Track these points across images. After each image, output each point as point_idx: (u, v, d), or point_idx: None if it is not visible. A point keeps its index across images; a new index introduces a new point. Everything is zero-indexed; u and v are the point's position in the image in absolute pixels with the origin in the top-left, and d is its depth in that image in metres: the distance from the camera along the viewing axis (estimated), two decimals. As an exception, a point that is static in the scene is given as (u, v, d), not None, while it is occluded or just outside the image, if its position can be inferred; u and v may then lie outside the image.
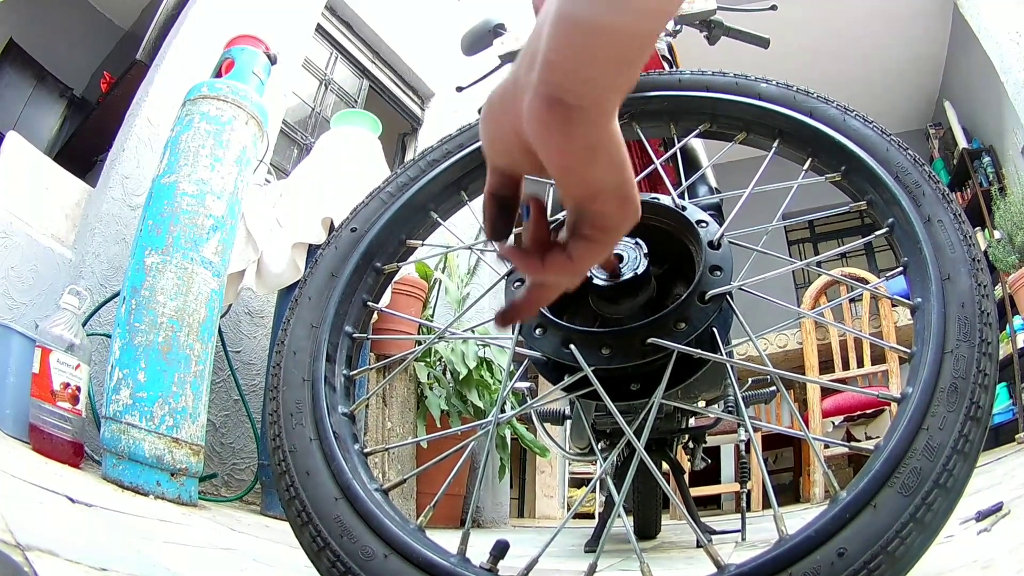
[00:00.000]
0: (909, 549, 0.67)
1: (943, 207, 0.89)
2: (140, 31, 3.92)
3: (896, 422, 0.76)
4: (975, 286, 0.82)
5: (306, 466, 0.91)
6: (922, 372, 0.78)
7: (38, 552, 0.87)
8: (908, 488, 0.70)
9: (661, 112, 1.18)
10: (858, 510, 0.70)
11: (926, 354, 0.79)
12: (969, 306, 0.80)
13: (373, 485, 0.90)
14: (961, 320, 0.79)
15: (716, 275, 0.92)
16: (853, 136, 1.00)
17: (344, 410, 0.99)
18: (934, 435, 0.72)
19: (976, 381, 0.75)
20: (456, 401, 3.56)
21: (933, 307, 0.82)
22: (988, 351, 0.77)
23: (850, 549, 0.68)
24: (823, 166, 1.03)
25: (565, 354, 0.91)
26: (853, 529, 0.69)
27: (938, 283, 0.83)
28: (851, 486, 0.73)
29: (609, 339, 0.90)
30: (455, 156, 1.19)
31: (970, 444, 0.72)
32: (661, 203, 1.03)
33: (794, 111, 1.05)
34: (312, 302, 1.08)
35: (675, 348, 0.87)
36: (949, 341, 0.78)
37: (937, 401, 0.75)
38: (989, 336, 0.78)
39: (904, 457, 0.72)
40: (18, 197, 2.59)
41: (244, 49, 2.58)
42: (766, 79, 1.11)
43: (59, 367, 1.90)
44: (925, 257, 0.86)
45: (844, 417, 4.39)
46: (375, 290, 1.14)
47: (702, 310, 0.90)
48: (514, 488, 5.94)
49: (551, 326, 0.94)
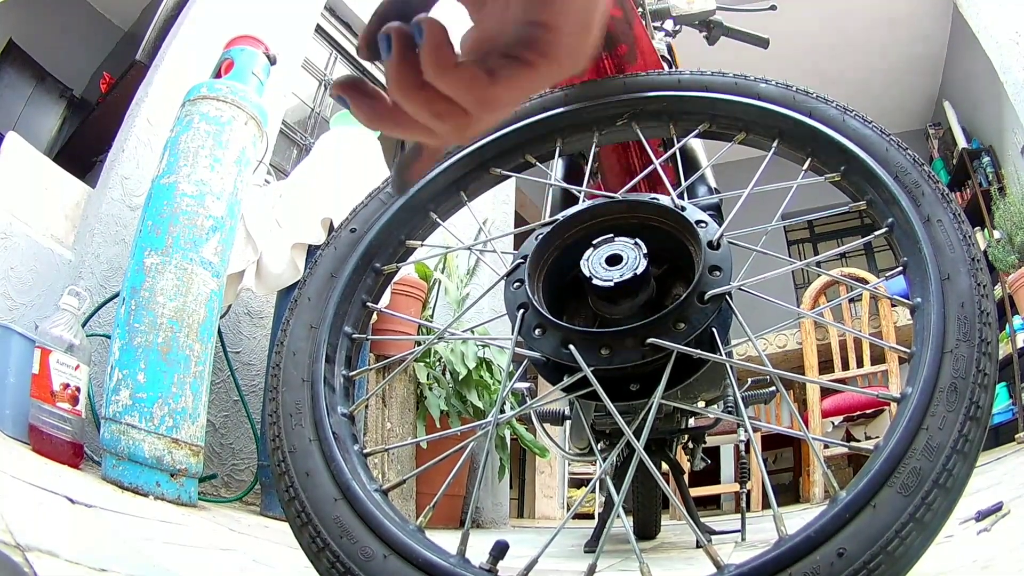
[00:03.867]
0: (909, 549, 0.67)
1: (942, 207, 0.89)
2: (140, 32, 3.92)
3: (896, 422, 0.77)
4: (975, 286, 0.82)
5: (306, 467, 0.91)
6: (921, 372, 0.78)
7: (38, 552, 0.87)
8: (908, 488, 0.70)
9: (660, 112, 1.18)
10: (858, 510, 0.70)
11: (926, 354, 0.79)
12: (969, 306, 0.80)
13: (373, 486, 0.90)
14: (961, 320, 0.79)
15: (715, 275, 0.92)
16: (852, 136, 1.00)
17: (344, 410, 0.99)
18: (934, 435, 0.73)
19: (976, 381, 0.75)
20: (456, 402, 3.56)
21: (932, 307, 0.82)
22: (988, 351, 0.77)
23: (850, 549, 0.68)
24: (822, 166, 1.03)
25: (564, 354, 0.91)
26: (853, 529, 0.69)
27: (937, 283, 0.83)
28: (851, 486, 0.73)
29: (608, 339, 0.90)
30: (454, 156, 1.20)
31: (970, 444, 0.72)
32: (660, 203, 1.03)
33: (793, 111, 1.06)
34: (311, 303, 1.08)
35: (674, 348, 0.87)
36: (949, 341, 0.78)
37: (937, 401, 0.75)
38: (989, 336, 0.78)
39: (904, 457, 0.72)
40: (18, 198, 2.59)
41: (243, 50, 2.58)
42: (765, 79, 1.11)
43: (59, 368, 1.90)
44: (924, 257, 0.86)
45: (844, 417, 4.39)
46: (374, 291, 1.14)
47: (701, 310, 0.90)
48: (514, 488, 5.94)
49: (550, 327, 0.94)
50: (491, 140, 1.20)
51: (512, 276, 1.02)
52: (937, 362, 0.78)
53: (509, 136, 1.21)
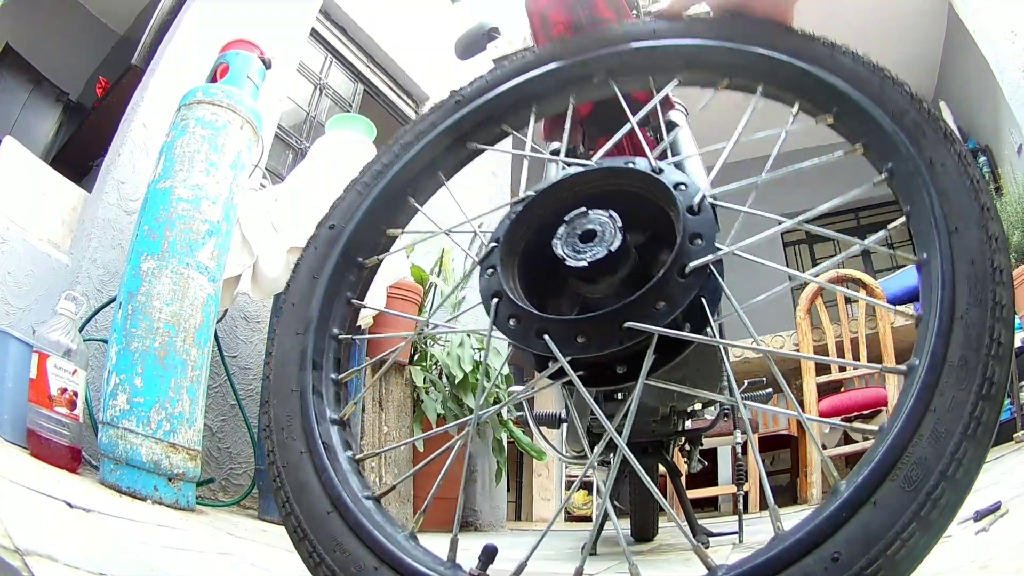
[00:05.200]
0: (912, 551, 0.62)
1: (947, 148, 0.79)
2: (135, 36, 3.92)
3: (901, 402, 0.69)
4: (985, 239, 0.72)
5: (299, 480, 0.90)
6: (929, 343, 0.69)
7: (36, 557, 0.87)
8: (911, 482, 0.63)
9: (639, 65, 1.10)
10: (856, 508, 0.64)
11: (933, 321, 0.70)
12: (980, 263, 0.71)
13: (365, 492, 0.89)
14: (971, 279, 0.70)
15: (697, 244, 0.84)
16: (843, 74, 0.91)
17: (334, 416, 0.97)
18: (942, 418, 0.65)
19: (990, 352, 0.66)
20: (452, 405, 3.56)
21: (939, 265, 0.73)
22: (1003, 315, 0.68)
23: (845, 554, 0.62)
24: (814, 108, 0.94)
25: (540, 345, 0.85)
26: (849, 530, 0.63)
27: (944, 236, 0.74)
28: (851, 477, 0.67)
29: (584, 326, 0.84)
30: (428, 136, 1.16)
31: (983, 428, 0.64)
32: (634, 168, 0.95)
33: (776, 52, 0.97)
34: (296, 308, 1.05)
35: (654, 331, 0.80)
36: (959, 305, 0.69)
37: (946, 377, 0.66)
38: (1003, 297, 0.69)
39: (909, 445, 0.65)
40: (14, 202, 2.59)
41: (239, 54, 2.59)
42: (743, 19, 1.02)
43: (56, 372, 1.90)
44: (928, 206, 0.77)
45: (841, 418, 4.39)
46: (359, 287, 1.11)
47: (683, 286, 0.81)
48: (511, 491, 5.95)
49: (525, 316, 0.88)
50: (466, 113, 1.16)
51: (486, 262, 0.96)
52: (947, 331, 0.69)
53: (483, 107, 1.16)
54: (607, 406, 1.98)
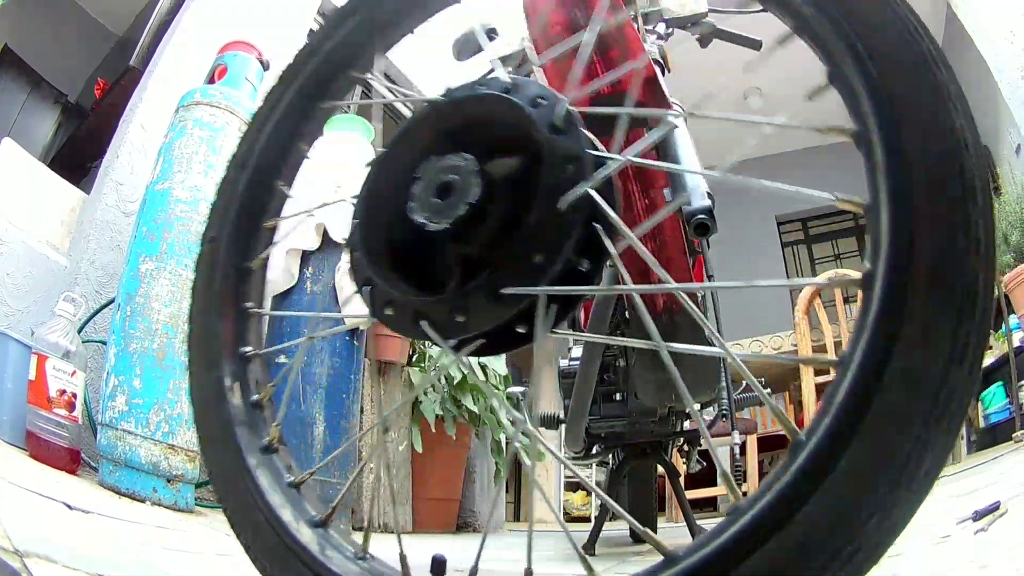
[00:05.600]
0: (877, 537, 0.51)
1: None
2: (134, 37, 3.92)
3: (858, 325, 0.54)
4: (940, 99, 0.55)
5: (250, 523, 0.84)
6: (883, 246, 0.53)
7: (36, 558, 0.87)
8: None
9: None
10: None
11: (883, 212, 0.54)
12: (936, 139, 0.54)
13: (307, 517, 0.82)
14: (927, 158, 0.53)
15: (570, 170, 0.66)
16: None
17: (263, 443, 0.87)
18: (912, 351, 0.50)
19: (969, 251, 0.51)
20: (450, 406, 3.56)
21: (878, 144, 0.55)
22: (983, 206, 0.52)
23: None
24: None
25: (420, 332, 0.71)
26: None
27: (880, 105, 0.56)
28: (810, 428, 0.54)
29: (459, 303, 0.69)
30: (276, 113, 1.06)
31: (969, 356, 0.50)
32: (483, 91, 0.78)
33: None
34: (200, 338, 0.96)
35: (537, 292, 0.64)
36: (916, 193, 0.53)
37: (914, 291, 0.51)
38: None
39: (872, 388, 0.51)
40: (13, 204, 2.59)
41: (237, 55, 2.59)
42: None
43: (55, 374, 1.90)
44: (848, 61, 0.59)
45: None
46: (250, 293, 1.01)
47: (561, 226, 0.64)
48: (510, 492, 5.94)
49: (397, 301, 0.73)
50: (307, 74, 1.04)
51: (350, 243, 0.81)
52: (906, 230, 0.52)
53: (328, 59, 1.03)
54: (607, 406, 1.99)
